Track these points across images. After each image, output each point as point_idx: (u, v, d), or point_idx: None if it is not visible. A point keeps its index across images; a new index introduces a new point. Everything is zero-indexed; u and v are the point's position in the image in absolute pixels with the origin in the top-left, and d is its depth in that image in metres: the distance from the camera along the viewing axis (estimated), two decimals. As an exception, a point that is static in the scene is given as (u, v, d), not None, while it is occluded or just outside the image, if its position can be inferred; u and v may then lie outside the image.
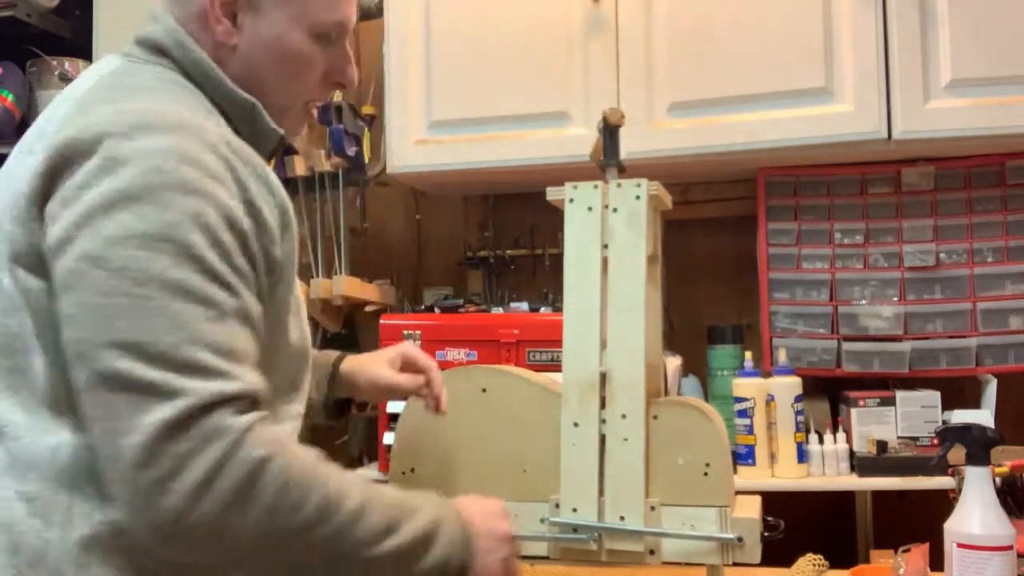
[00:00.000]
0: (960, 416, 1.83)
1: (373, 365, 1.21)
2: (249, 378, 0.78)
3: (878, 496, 2.06)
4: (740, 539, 1.11)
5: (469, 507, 0.93)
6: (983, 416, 1.83)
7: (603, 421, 1.17)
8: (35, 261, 0.82)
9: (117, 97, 0.86)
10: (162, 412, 0.71)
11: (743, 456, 1.87)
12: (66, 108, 0.87)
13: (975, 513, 1.13)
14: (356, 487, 0.82)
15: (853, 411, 1.91)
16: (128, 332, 0.72)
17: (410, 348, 1.24)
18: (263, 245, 0.86)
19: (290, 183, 2.12)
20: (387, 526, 0.82)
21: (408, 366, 1.23)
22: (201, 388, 0.72)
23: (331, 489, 0.78)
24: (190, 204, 0.77)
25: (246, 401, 0.76)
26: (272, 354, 0.89)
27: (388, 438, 1.89)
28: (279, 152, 1.03)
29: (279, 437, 0.78)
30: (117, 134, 0.79)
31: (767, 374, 1.94)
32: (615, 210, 1.20)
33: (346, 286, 2.07)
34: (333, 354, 1.24)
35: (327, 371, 1.21)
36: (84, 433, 0.79)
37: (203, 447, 0.71)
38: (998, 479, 1.33)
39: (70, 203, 0.79)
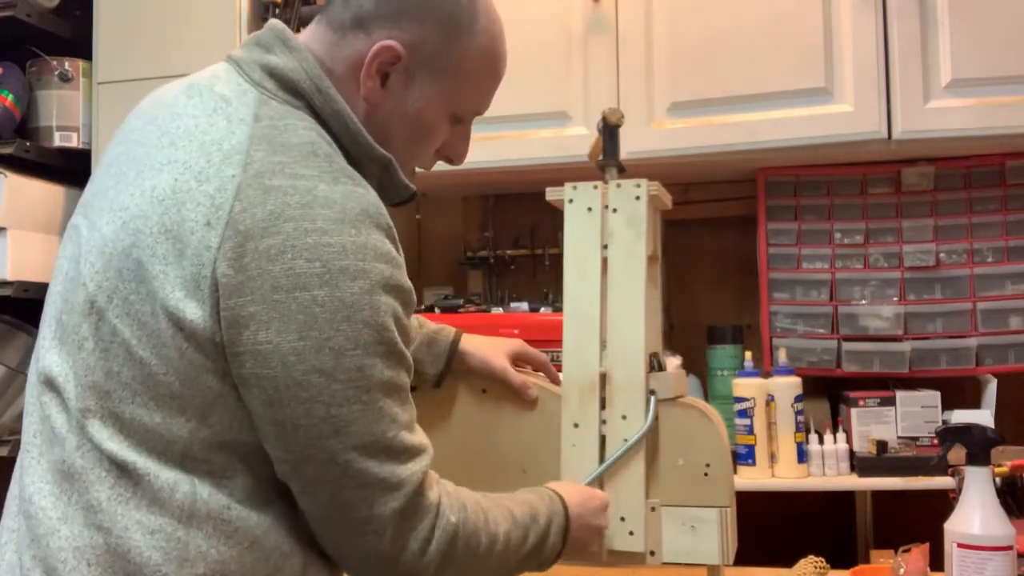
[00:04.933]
0: (960, 416, 1.82)
1: (492, 352, 1.22)
2: (423, 439, 0.89)
3: (878, 496, 2.06)
4: None
5: (572, 501, 1.07)
6: (983, 416, 1.83)
7: (603, 422, 1.17)
8: (198, 322, 0.80)
9: (288, 169, 0.82)
10: (393, 503, 0.84)
11: (743, 456, 1.87)
12: (231, 166, 0.82)
13: (975, 513, 1.13)
14: (501, 512, 0.96)
15: (853, 411, 1.91)
16: (360, 436, 0.82)
17: (526, 345, 1.26)
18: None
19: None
20: (523, 537, 0.98)
21: (523, 360, 1.25)
22: (411, 473, 0.85)
23: (491, 526, 0.93)
24: (388, 301, 0.83)
25: (429, 461, 0.89)
26: None
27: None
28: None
29: (455, 496, 0.91)
30: (306, 232, 0.80)
31: (767, 374, 1.94)
32: (615, 210, 1.20)
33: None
34: (450, 330, 1.23)
35: (446, 347, 1.21)
36: (199, 476, 0.82)
37: (422, 522, 0.87)
38: (998, 479, 1.33)
39: (264, 300, 0.79)
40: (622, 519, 1.15)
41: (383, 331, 0.82)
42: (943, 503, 1.43)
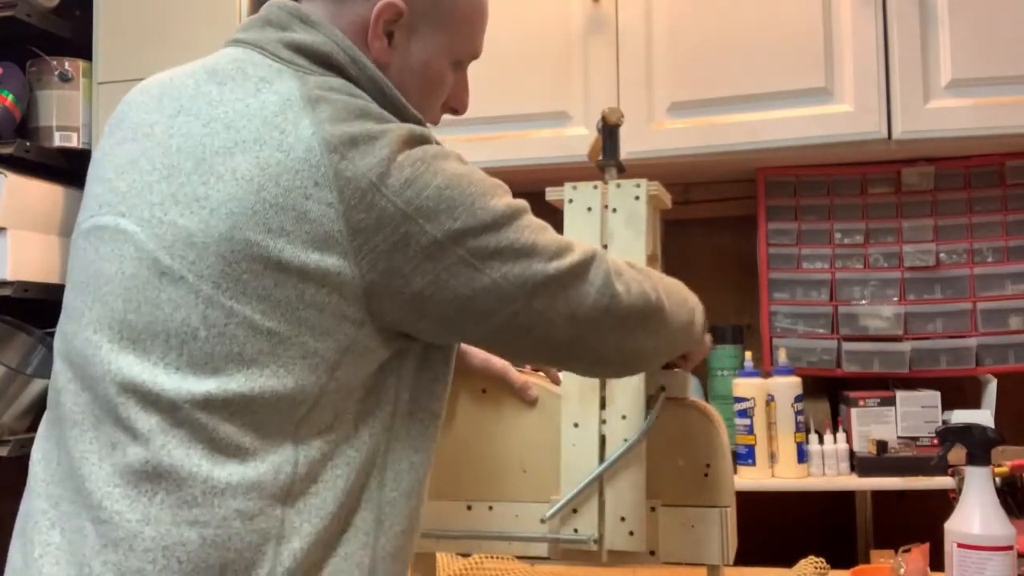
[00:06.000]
0: (960, 416, 1.83)
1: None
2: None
3: (878, 496, 2.06)
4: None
5: None
6: (983, 416, 1.83)
7: (603, 422, 1.17)
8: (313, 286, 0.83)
9: (354, 119, 0.87)
10: (602, 266, 0.92)
11: (743, 456, 1.87)
12: (305, 128, 0.85)
13: (975, 513, 1.13)
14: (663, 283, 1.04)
15: (853, 411, 1.91)
16: (546, 248, 0.89)
17: None
18: None
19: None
20: (684, 299, 1.07)
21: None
22: (587, 245, 0.93)
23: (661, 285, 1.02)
24: (468, 164, 0.91)
25: None
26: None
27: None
28: None
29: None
30: (395, 151, 0.86)
31: (767, 374, 1.94)
32: (614, 210, 1.20)
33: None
34: None
35: None
36: (304, 447, 0.85)
37: (621, 268, 0.94)
38: (998, 479, 1.33)
39: (404, 218, 0.84)
40: (622, 519, 1.15)
41: (489, 177, 0.91)
42: (943, 503, 1.43)
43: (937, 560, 1.21)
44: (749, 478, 1.86)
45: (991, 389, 1.91)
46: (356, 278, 0.83)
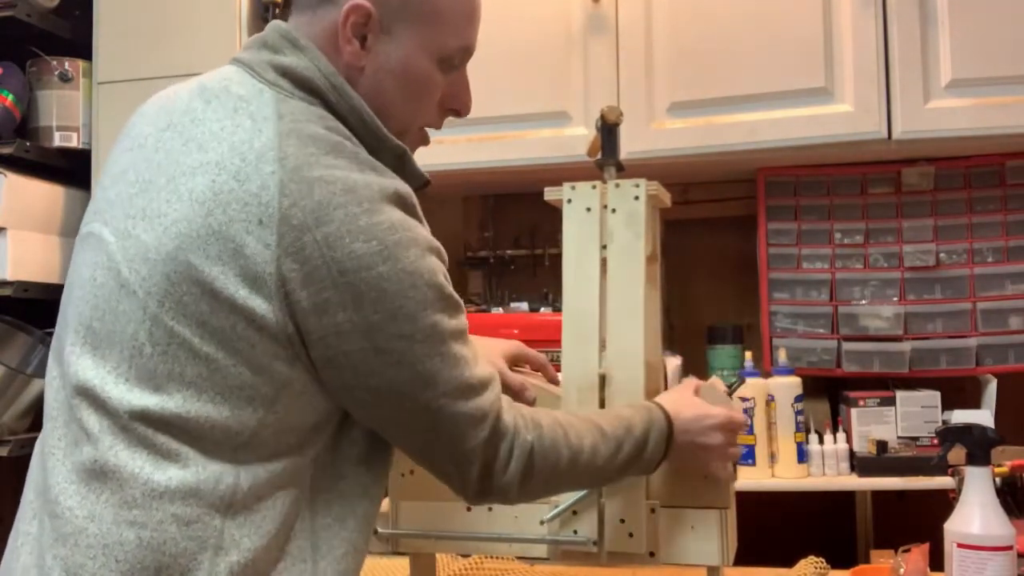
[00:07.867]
0: (960, 416, 1.82)
1: (488, 354, 1.20)
2: (488, 368, 0.95)
3: (878, 496, 2.06)
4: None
5: (681, 415, 1.09)
6: (983, 416, 1.83)
7: (603, 422, 1.17)
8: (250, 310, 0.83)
9: (323, 161, 0.85)
10: (481, 433, 0.91)
11: (743, 456, 1.87)
12: (268, 163, 0.84)
13: (975, 513, 1.13)
14: (586, 427, 1.01)
15: (853, 411, 1.91)
16: (446, 384, 0.89)
17: (523, 346, 1.26)
18: None
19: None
20: (615, 448, 1.02)
21: (521, 361, 1.25)
22: (490, 402, 0.92)
23: (572, 439, 0.98)
24: (436, 261, 0.90)
25: (499, 387, 0.96)
26: None
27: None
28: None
29: (530, 417, 0.97)
30: (356, 215, 0.85)
31: (767, 374, 1.94)
32: (614, 211, 1.19)
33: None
34: None
35: None
36: (244, 468, 0.85)
37: (502, 444, 0.93)
38: (998, 479, 1.33)
39: (335, 286, 0.83)
40: (622, 521, 1.15)
41: (442, 288, 0.89)
42: (943, 503, 1.43)
43: (937, 560, 1.21)
44: (749, 478, 1.86)
45: (991, 389, 1.91)
46: (280, 323, 0.83)
